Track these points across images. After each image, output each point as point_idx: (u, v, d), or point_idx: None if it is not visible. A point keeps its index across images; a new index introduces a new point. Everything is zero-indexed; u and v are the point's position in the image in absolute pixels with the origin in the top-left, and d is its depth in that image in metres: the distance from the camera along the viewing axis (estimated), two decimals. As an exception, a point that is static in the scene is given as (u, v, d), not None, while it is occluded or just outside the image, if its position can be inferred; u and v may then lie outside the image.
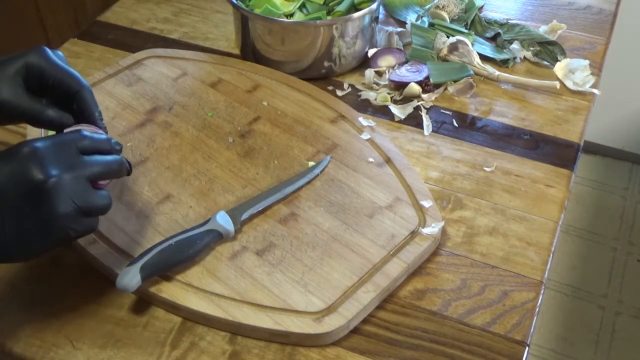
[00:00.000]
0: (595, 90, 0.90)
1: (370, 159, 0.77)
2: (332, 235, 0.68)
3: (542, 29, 0.98)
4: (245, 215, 0.69)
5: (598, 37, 1.00)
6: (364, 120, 0.82)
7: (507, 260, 0.69)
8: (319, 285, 0.64)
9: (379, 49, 0.94)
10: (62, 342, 0.61)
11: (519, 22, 0.99)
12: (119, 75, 0.88)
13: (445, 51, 0.92)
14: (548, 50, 0.94)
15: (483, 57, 0.93)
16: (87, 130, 0.61)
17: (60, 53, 0.65)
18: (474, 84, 0.89)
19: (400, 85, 0.89)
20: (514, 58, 0.94)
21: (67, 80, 0.63)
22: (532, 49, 0.95)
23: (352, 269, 0.65)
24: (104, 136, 0.61)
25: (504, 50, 0.95)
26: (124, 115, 0.82)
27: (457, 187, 0.77)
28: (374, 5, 0.89)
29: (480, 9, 1.04)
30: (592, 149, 2.09)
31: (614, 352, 1.62)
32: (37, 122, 0.63)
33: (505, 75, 0.91)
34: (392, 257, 0.66)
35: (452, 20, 0.98)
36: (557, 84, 0.88)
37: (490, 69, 0.91)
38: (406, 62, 0.92)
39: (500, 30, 0.97)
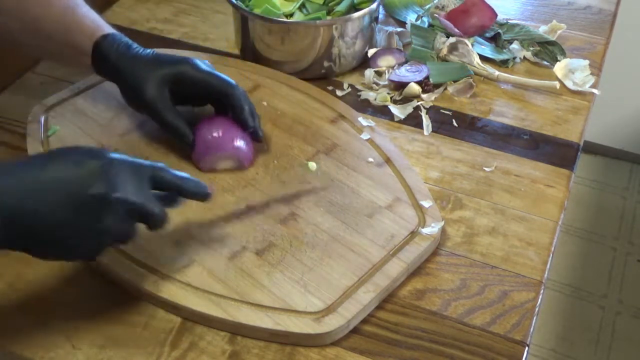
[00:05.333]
0: (595, 90, 0.90)
1: (370, 159, 0.77)
2: (332, 236, 0.68)
3: (542, 29, 0.98)
4: None
5: (598, 37, 1.00)
6: (363, 120, 0.82)
7: (507, 260, 0.69)
8: (319, 286, 0.64)
9: (378, 49, 0.94)
10: (62, 342, 0.61)
11: (519, 22, 0.99)
12: (118, 75, 0.88)
13: (445, 51, 0.92)
14: (548, 50, 0.94)
15: (483, 57, 0.93)
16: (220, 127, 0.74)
17: (207, 61, 0.75)
18: (474, 84, 0.89)
19: (400, 85, 0.88)
20: (514, 58, 0.94)
21: (219, 85, 0.74)
22: (532, 49, 0.95)
23: (351, 269, 0.65)
24: (186, 176, 0.61)
25: (504, 50, 0.95)
26: (124, 115, 0.82)
27: (457, 187, 0.77)
28: (374, 5, 0.89)
29: (480, 9, 1.04)
30: (592, 149, 2.09)
31: (614, 352, 1.62)
32: (163, 127, 0.74)
33: (505, 75, 0.91)
34: (392, 257, 0.66)
35: (452, 20, 0.98)
36: (557, 84, 0.88)
37: (490, 69, 0.91)
38: (406, 62, 0.92)
39: (500, 30, 0.97)
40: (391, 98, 0.88)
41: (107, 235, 0.55)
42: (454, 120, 0.85)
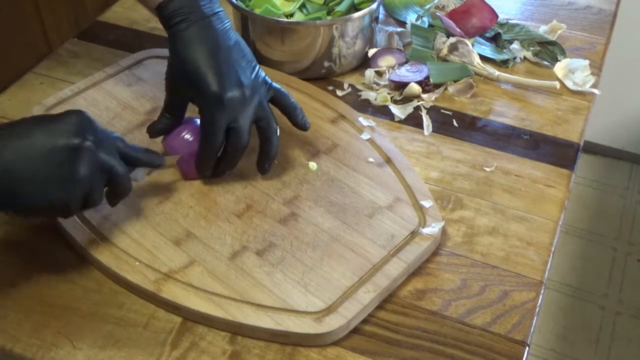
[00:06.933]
0: (595, 90, 0.90)
1: (370, 159, 0.77)
2: (332, 236, 0.68)
3: (542, 29, 0.98)
4: None
5: (598, 37, 1.00)
6: (364, 120, 0.82)
7: (507, 260, 0.69)
8: (319, 285, 0.64)
9: (379, 49, 0.94)
10: (62, 342, 0.61)
11: (519, 22, 0.99)
12: (119, 75, 0.88)
13: (445, 51, 0.92)
14: (548, 50, 0.94)
15: (483, 57, 0.93)
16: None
17: None
18: (474, 84, 0.89)
19: (400, 85, 0.89)
20: (514, 58, 0.94)
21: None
22: (532, 49, 0.95)
23: (352, 269, 0.65)
24: (141, 149, 0.67)
25: (504, 50, 0.95)
26: (124, 115, 0.82)
27: (457, 187, 0.77)
28: (374, 5, 0.89)
29: (480, 9, 1.04)
30: (592, 149, 2.09)
31: (614, 352, 1.62)
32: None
33: (505, 75, 0.91)
34: (392, 257, 0.66)
35: (452, 20, 0.98)
36: (557, 84, 0.88)
37: (490, 69, 0.91)
38: (406, 62, 0.92)
39: (500, 30, 0.97)
40: (391, 98, 0.88)
41: (78, 185, 0.58)
42: (454, 120, 0.85)
